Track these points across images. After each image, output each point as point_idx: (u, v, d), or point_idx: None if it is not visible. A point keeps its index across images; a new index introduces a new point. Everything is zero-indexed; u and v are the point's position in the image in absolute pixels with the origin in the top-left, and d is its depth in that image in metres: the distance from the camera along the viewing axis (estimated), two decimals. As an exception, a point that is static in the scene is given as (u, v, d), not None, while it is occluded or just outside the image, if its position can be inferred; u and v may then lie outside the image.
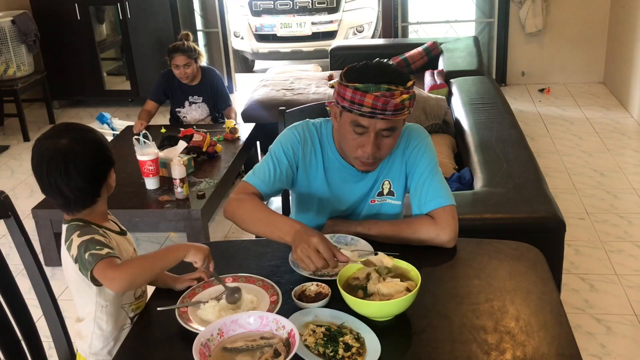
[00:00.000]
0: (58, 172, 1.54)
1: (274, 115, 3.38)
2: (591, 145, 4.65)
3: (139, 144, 3.36)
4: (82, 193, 1.59)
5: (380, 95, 1.65)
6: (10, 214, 1.89)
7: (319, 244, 1.58)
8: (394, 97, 1.66)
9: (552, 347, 1.41)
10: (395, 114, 1.68)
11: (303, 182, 1.92)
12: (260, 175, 1.87)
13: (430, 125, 3.82)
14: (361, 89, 1.67)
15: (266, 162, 1.89)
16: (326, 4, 6.95)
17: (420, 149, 1.87)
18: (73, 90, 6.12)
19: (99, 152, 1.61)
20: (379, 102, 1.65)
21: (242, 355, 1.36)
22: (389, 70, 1.72)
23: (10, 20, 5.34)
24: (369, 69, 1.71)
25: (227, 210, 1.83)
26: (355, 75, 1.70)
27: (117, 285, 1.52)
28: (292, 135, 1.90)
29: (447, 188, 1.86)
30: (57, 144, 1.55)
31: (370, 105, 1.66)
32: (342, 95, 1.72)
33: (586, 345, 2.63)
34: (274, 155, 1.89)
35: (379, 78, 1.67)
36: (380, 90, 1.66)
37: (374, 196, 1.92)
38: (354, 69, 1.73)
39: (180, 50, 4.05)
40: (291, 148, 1.88)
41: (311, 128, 1.91)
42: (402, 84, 1.69)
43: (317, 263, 1.57)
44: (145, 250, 3.61)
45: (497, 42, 5.94)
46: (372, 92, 1.66)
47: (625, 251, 3.30)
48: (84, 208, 1.62)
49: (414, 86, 1.74)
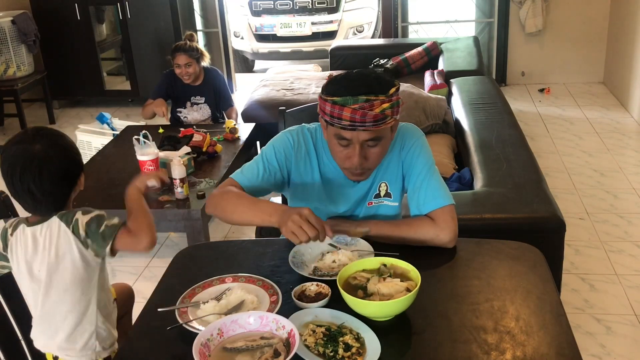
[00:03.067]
0: (32, 177, 1.59)
1: (274, 115, 3.38)
2: (591, 145, 4.65)
3: (139, 144, 3.36)
4: (54, 196, 1.64)
5: (358, 108, 1.64)
6: (11, 214, 1.89)
7: (310, 215, 1.60)
8: (372, 108, 1.64)
9: (552, 347, 1.41)
10: (376, 124, 1.66)
11: (298, 187, 1.91)
12: (248, 174, 1.86)
13: (430, 125, 3.82)
14: (339, 102, 1.65)
15: (256, 162, 1.88)
16: (326, 4, 6.95)
17: (415, 149, 1.86)
18: (73, 90, 6.12)
19: (70, 157, 1.66)
20: (357, 114, 1.64)
21: (242, 355, 1.36)
22: (368, 79, 1.69)
23: (10, 20, 5.35)
24: (347, 81, 1.69)
25: (210, 203, 1.83)
26: (333, 89, 1.69)
27: (145, 243, 1.66)
28: (286, 139, 1.89)
29: (445, 188, 1.85)
30: (31, 149, 1.59)
31: (349, 119, 1.65)
32: (323, 109, 1.71)
33: (586, 345, 2.63)
34: (265, 157, 1.88)
35: (356, 89, 1.65)
36: (358, 102, 1.64)
37: (371, 198, 1.91)
38: (333, 82, 1.72)
39: (182, 50, 4.06)
40: (283, 152, 1.87)
41: (306, 133, 1.90)
42: (382, 92, 1.66)
43: (310, 232, 1.58)
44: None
45: (497, 42, 5.94)
46: (349, 105, 1.64)
47: (625, 251, 3.30)
48: (55, 210, 1.67)
49: (398, 92, 1.71)
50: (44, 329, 1.77)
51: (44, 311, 1.74)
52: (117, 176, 3.61)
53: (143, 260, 3.50)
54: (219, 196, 1.82)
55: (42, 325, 1.76)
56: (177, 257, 1.89)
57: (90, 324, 1.76)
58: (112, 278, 3.36)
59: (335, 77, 1.74)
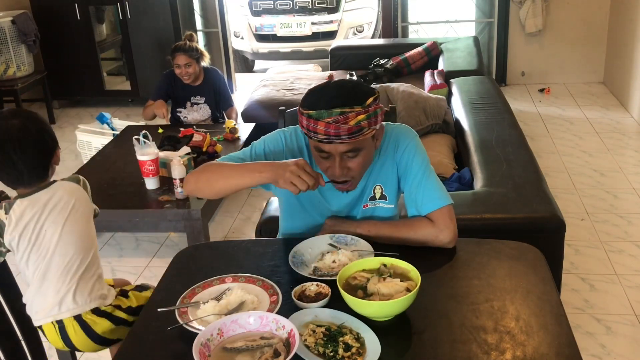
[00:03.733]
0: (12, 147, 1.72)
1: (274, 115, 3.38)
2: (591, 145, 4.65)
3: (139, 144, 3.36)
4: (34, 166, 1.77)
5: (332, 122, 1.62)
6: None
7: (306, 165, 1.64)
8: (347, 121, 1.62)
9: (552, 347, 1.41)
10: (352, 136, 1.64)
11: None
12: (231, 160, 1.83)
13: (430, 125, 3.82)
14: (313, 116, 1.64)
15: (243, 152, 1.86)
16: (326, 4, 6.95)
17: (410, 151, 1.84)
18: (73, 90, 6.12)
19: (45, 130, 1.79)
20: (331, 128, 1.62)
21: (242, 355, 1.36)
22: (343, 91, 1.67)
23: (10, 20, 5.35)
24: (322, 94, 1.67)
25: (189, 179, 1.79)
26: (309, 102, 1.67)
27: None
28: (279, 138, 1.88)
29: (442, 188, 1.84)
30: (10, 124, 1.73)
31: (324, 132, 1.64)
32: (300, 122, 1.70)
33: (586, 345, 2.63)
34: (254, 151, 1.86)
35: (331, 102, 1.63)
36: (332, 115, 1.62)
37: (367, 201, 1.90)
38: (310, 94, 1.70)
39: (182, 50, 4.06)
40: (273, 148, 1.86)
41: (300, 136, 1.88)
42: (358, 103, 1.63)
43: (310, 181, 1.62)
44: (144, 250, 3.62)
45: (497, 42, 5.94)
46: (323, 119, 1.62)
47: (625, 251, 3.30)
48: (37, 180, 1.80)
49: (377, 101, 1.68)
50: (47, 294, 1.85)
51: (51, 273, 1.83)
52: (117, 176, 3.61)
53: (143, 260, 3.50)
54: (198, 170, 1.79)
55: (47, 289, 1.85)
56: (177, 257, 1.89)
57: (97, 267, 1.93)
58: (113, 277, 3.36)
59: (313, 88, 1.72)
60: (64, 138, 5.38)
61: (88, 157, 4.26)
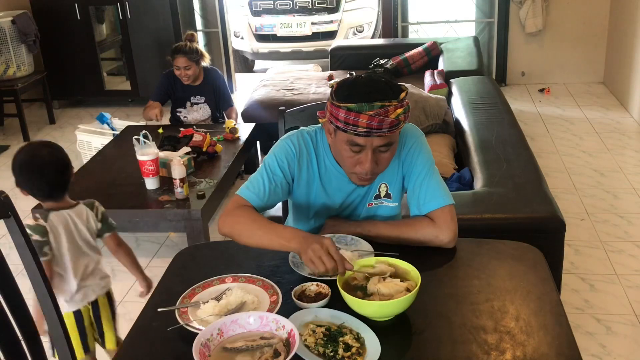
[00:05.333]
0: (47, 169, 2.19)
1: (274, 115, 3.38)
2: (591, 145, 4.65)
3: (139, 144, 3.36)
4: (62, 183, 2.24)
5: (374, 115, 1.63)
6: (10, 214, 1.89)
7: (331, 246, 1.59)
8: (388, 114, 1.63)
9: (552, 347, 1.41)
10: (391, 130, 1.66)
11: (300, 192, 1.90)
12: (255, 189, 1.82)
13: (430, 125, 3.82)
14: (354, 109, 1.64)
15: (260, 175, 1.84)
16: (326, 4, 6.95)
17: (416, 149, 1.85)
18: (73, 90, 6.12)
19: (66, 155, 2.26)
20: (374, 121, 1.63)
21: (242, 355, 1.36)
22: (380, 85, 1.68)
23: (10, 20, 5.34)
24: (359, 87, 1.67)
25: (224, 225, 1.78)
26: (346, 94, 1.67)
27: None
28: (287, 147, 1.86)
29: (445, 187, 1.85)
30: (42, 153, 2.21)
31: (366, 125, 1.64)
32: (335, 116, 1.68)
33: (586, 345, 2.63)
34: (269, 168, 1.84)
35: (371, 96, 1.64)
36: (374, 108, 1.63)
37: (372, 199, 1.91)
38: (344, 87, 1.70)
39: (182, 52, 4.05)
40: (286, 160, 1.84)
41: (306, 138, 1.88)
42: (395, 98, 1.66)
43: (329, 264, 1.57)
44: (144, 250, 3.61)
45: (497, 42, 5.94)
46: (365, 112, 1.63)
47: (625, 251, 3.30)
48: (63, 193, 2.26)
49: (407, 96, 1.71)
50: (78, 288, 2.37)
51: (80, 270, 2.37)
52: (117, 176, 3.61)
53: (143, 260, 3.50)
54: (232, 220, 1.77)
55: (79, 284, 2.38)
56: (177, 257, 1.89)
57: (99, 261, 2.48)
58: (113, 278, 3.36)
59: (344, 82, 1.72)
60: (64, 138, 5.38)
61: (88, 157, 4.26)
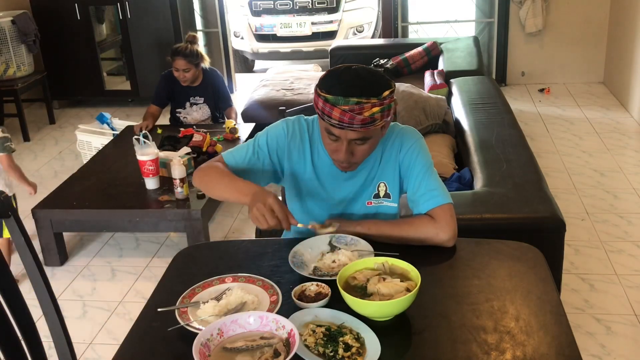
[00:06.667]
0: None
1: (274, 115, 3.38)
2: (591, 145, 4.65)
3: (139, 144, 3.36)
4: None
5: (347, 110, 1.64)
6: (10, 214, 1.89)
7: (274, 204, 1.66)
8: (362, 112, 1.64)
9: (552, 347, 1.41)
10: (364, 126, 1.67)
11: (291, 177, 1.93)
12: (236, 154, 1.92)
13: (430, 125, 3.82)
14: (330, 100, 1.66)
15: (247, 144, 1.93)
16: (326, 4, 6.95)
17: (414, 150, 1.86)
18: (73, 90, 6.12)
19: None
20: (346, 116, 1.64)
21: (242, 355, 1.36)
22: (362, 81, 1.68)
23: (10, 20, 5.34)
24: (342, 79, 1.69)
25: (196, 176, 1.92)
26: (328, 85, 1.69)
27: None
28: (281, 128, 1.91)
29: (443, 187, 1.85)
30: None
31: (338, 119, 1.66)
32: (316, 102, 1.72)
33: (586, 345, 2.63)
34: (257, 141, 1.92)
35: (349, 90, 1.65)
36: (349, 104, 1.64)
37: (370, 198, 1.92)
38: (329, 77, 1.72)
39: (182, 55, 4.04)
40: (276, 139, 1.90)
41: (302, 123, 1.92)
42: (375, 95, 1.65)
43: (270, 222, 1.65)
44: (144, 250, 3.62)
45: (497, 42, 5.94)
46: (339, 106, 1.64)
47: (625, 251, 3.30)
48: None
49: (392, 94, 1.70)
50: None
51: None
52: (117, 176, 3.61)
53: (143, 260, 3.50)
54: (204, 171, 1.90)
55: None
56: (177, 257, 1.89)
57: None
58: (112, 277, 3.37)
59: (333, 70, 1.74)
60: (64, 138, 5.39)
61: (88, 157, 4.27)
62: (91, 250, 3.62)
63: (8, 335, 1.87)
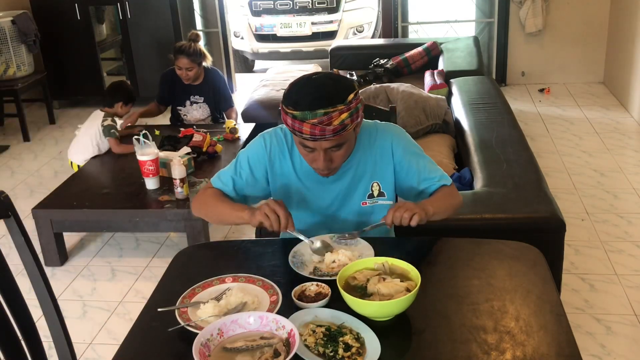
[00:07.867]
0: None
1: (274, 115, 3.38)
2: (591, 145, 4.65)
3: (139, 144, 3.36)
4: None
5: (316, 123, 1.64)
6: (10, 214, 1.89)
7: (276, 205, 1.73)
8: (331, 121, 1.65)
9: (552, 347, 1.41)
10: (336, 134, 1.68)
11: (279, 188, 1.93)
12: (223, 178, 1.94)
13: (430, 125, 3.82)
14: (298, 117, 1.66)
15: (230, 167, 1.95)
16: (326, 4, 6.95)
17: (401, 144, 1.89)
18: (73, 90, 6.12)
19: None
20: (316, 129, 1.65)
21: (242, 355, 1.36)
22: (326, 90, 1.68)
23: (10, 20, 5.34)
24: (305, 93, 1.68)
25: (194, 209, 1.98)
26: (293, 101, 1.69)
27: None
28: (259, 144, 1.92)
29: (441, 170, 1.92)
30: None
31: (309, 133, 1.67)
32: (285, 119, 1.72)
33: (586, 345, 2.63)
34: (238, 162, 1.94)
35: (314, 103, 1.65)
36: (317, 116, 1.64)
37: (365, 198, 1.92)
38: (293, 92, 1.71)
39: (185, 53, 4.04)
40: (256, 157, 1.91)
41: (279, 134, 1.92)
42: (340, 102, 1.66)
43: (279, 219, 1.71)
44: (144, 250, 3.62)
45: (497, 42, 5.94)
46: (308, 120, 1.65)
47: (625, 251, 3.30)
48: None
49: (357, 95, 1.70)
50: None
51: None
52: (117, 176, 3.61)
53: (143, 260, 3.50)
54: (198, 201, 1.95)
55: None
56: (177, 257, 1.89)
57: None
58: (112, 277, 3.37)
59: (295, 84, 1.73)
60: (64, 138, 5.39)
61: (88, 157, 4.26)
62: (91, 250, 3.62)
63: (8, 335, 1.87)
